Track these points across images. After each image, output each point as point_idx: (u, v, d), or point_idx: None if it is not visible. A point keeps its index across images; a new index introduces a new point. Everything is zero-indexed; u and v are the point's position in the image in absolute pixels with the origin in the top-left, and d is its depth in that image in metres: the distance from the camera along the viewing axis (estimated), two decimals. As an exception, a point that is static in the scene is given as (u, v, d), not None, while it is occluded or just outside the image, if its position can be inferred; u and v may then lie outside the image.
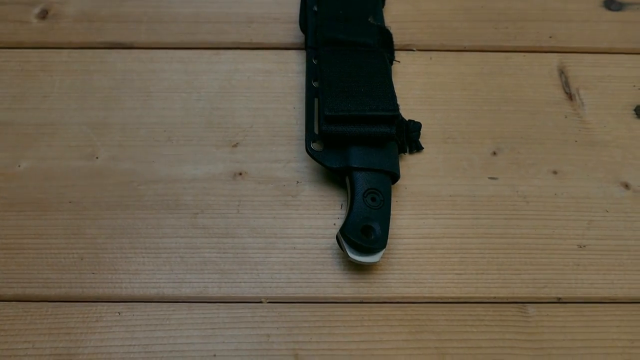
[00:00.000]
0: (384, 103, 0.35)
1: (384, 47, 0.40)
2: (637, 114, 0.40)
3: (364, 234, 0.33)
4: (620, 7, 0.45)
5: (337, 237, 0.34)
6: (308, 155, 0.36)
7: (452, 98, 0.41)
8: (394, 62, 0.41)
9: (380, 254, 0.33)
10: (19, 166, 0.37)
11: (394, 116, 0.35)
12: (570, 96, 0.41)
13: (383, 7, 0.44)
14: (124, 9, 0.44)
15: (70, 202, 0.36)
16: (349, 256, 0.33)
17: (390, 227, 0.34)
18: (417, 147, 0.38)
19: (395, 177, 0.36)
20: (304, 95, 0.40)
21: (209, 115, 0.39)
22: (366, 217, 0.33)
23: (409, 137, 0.38)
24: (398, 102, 0.38)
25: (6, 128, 0.38)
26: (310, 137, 0.36)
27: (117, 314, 0.33)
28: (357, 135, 0.35)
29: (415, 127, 0.39)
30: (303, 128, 0.38)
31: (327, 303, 0.33)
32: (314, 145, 0.36)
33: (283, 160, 0.38)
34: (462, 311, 0.33)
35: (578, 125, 0.40)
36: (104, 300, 0.33)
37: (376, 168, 0.35)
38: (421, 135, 0.39)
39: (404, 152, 0.38)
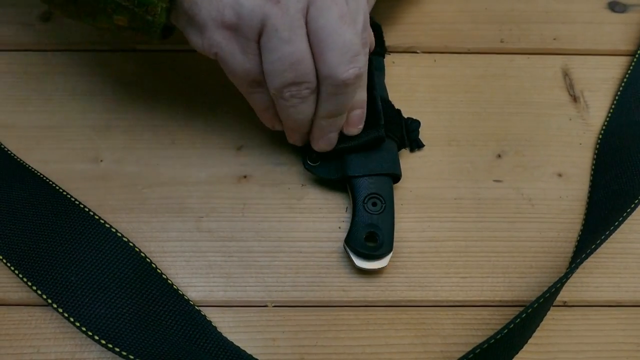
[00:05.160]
0: (367, 119, 0.35)
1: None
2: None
3: (369, 240, 0.33)
4: (624, 9, 0.45)
5: (344, 246, 0.34)
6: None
7: (456, 100, 0.41)
8: (385, 55, 0.41)
9: (388, 257, 0.33)
10: (23, 169, 0.37)
11: (380, 136, 0.35)
12: (574, 98, 0.41)
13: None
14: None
15: (74, 205, 0.36)
16: (356, 265, 0.33)
17: (395, 229, 0.34)
18: (417, 146, 0.38)
19: (396, 177, 0.36)
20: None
21: (213, 118, 0.39)
22: (369, 223, 0.33)
23: (408, 136, 0.38)
24: (398, 107, 0.38)
25: (9, 131, 0.38)
26: (306, 152, 0.36)
27: (123, 318, 0.33)
28: (348, 148, 0.35)
29: (414, 126, 0.38)
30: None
31: (333, 307, 0.33)
32: (311, 159, 0.36)
33: (287, 163, 0.38)
34: (467, 315, 0.33)
35: (583, 127, 0.40)
36: (109, 304, 0.33)
37: (374, 172, 0.35)
38: (425, 138, 0.39)
39: (405, 147, 0.38)
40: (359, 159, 0.35)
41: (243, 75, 0.31)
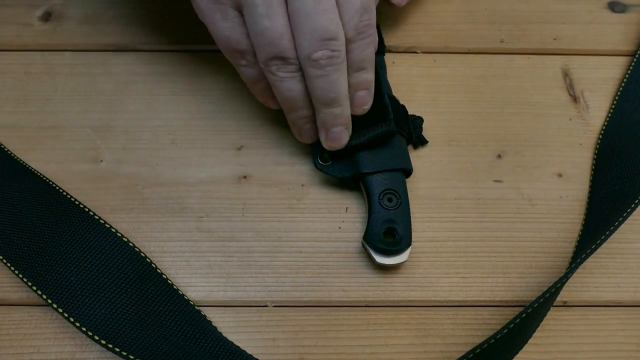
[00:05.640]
0: (376, 114, 0.35)
1: None
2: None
3: (387, 236, 0.33)
4: (624, 9, 0.45)
5: (362, 244, 0.34)
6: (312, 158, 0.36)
7: (456, 101, 0.41)
8: (385, 53, 0.41)
9: (407, 252, 0.33)
10: (23, 169, 0.37)
11: (390, 130, 0.35)
12: (574, 98, 0.41)
13: None
14: (127, 10, 0.44)
15: (74, 205, 0.36)
16: (376, 262, 0.33)
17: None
18: (421, 142, 0.38)
19: (408, 172, 0.36)
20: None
21: (213, 118, 0.39)
22: (386, 219, 0.34)
23: (413, 133, 0.38)
24: (402, 103, 0.38)
25: (10, 131, 0.38)
26: (316, 151, 0.36)
27: (123, 318, 0.33)
28: (360, 144, 0.35)
29: (417, 122, 0.39)
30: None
31: (333, 307, 0.33)
32: (321, 159, 0.36)
33: (288, 163, 0.38)
34: (467, 315, 0.33)
35: (583, 127, 0.40)
36: (109, 304, 0.33)
37: (387, 168, 0.35)
38: (425, 138, 0.39)
39: (412, 142, 0.38)
40: (371, 155, 0.35)
41: (225, 42, 0.33)
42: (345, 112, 0.34)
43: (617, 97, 0.40)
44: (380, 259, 0.33)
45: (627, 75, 0.41)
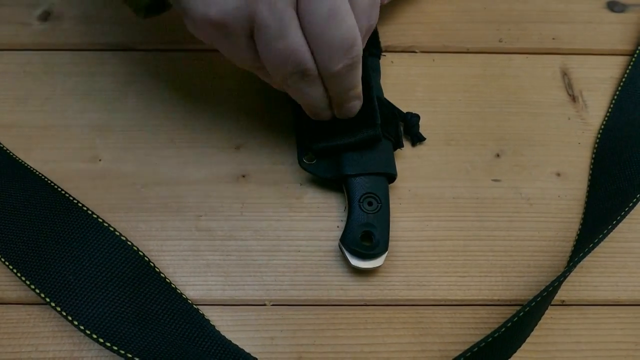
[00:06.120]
0: (363, 118, 0.35)
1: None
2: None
3: (365, 239, 0.33)
4: (623, 9, 0.45)
5: (339, 246, 0.34)
6: (311, 158, 0.36)
7: (454, 100, 0.41)
8: (383, 55, 0.42)
9: (383, 257, 0.33)
10: (22, 169, 0.37)
11: (376, 135, 0.35)
12: (573, 98, 0.41)
13: None
14: (126, 10, 0.44)
15: (73, 204, 0.36)
16: (351, 264, 0.33)
17: (392, 228, 0.34)
18: (419, 139, 0.38)
19: (391, 177, 0.36)
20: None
21: (212, 118, 0.39)
22: (364, 222, 0.34)
23: (410, 130, 0.38)
24: (398, 105, 0.38)
25: (8, 130, 0.38)
26: (301, 150, 0.36)
27: (121, 317, 0.33)
28: (344, 145, 0.35)
29: (414, 120, 0.39)
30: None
31: (331, 305, 0.33)
32: (306, 158, 0.36)
33: (286, 163, 0.38)
34: (465, 314, 0.33)
35: (581, 127, 0.40)
36: (108, 303, 0.33)
37: (370, 172, 0.35)
38: (422, 135, 0.39)
39: (401, 147, 0.38)
40: (355, 158, 0.35)
41: (241, 64, 0.32)
42: (358, 89, 0.33)
43: (615, 97, 0.40)
44: (355, 262, 0.33)
45: (625, 75, 0.41)
